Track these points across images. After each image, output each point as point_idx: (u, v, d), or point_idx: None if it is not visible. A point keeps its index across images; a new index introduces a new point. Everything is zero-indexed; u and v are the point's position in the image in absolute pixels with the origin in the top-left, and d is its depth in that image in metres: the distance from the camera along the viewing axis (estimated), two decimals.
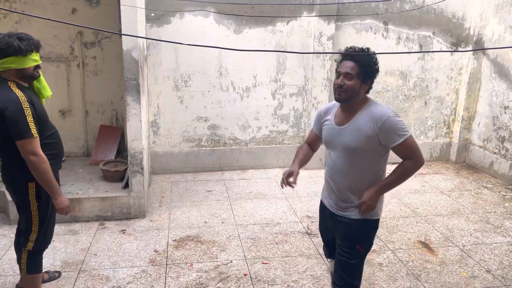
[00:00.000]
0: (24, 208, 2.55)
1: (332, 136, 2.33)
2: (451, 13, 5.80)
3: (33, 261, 2.64)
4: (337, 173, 2.33)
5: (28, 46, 2.36)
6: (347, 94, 2.20)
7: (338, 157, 2.31)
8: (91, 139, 5.38)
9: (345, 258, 2.35)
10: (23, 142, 2.33)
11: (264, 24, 5.28)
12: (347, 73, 2.19)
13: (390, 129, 2.14)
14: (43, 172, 2.41)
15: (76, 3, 4.93)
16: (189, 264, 3.41)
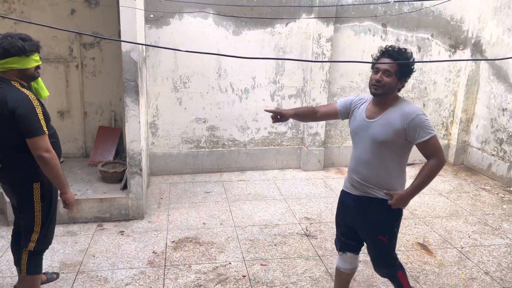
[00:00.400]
0: (27, 209, 2.54)
1: (361, 128, 2.46)
2: (449, 16, 5.82)
3: (34, 261, 2.64)
4: (362, 164, 2.46)
5: (31, 46, 2.38)
6: (383, 90, 2.34)
7: (364, 149, 2.44)
8: (90, 140, 5.37)
9: (372, 247, 2.57)
10: (36, 139, 2.35)
11: (263, 26, 5.29)
12: (386, 69, 2.33)
13: (418, 126, 2.29)
14: (55, 168, 2.44)
15: (75, 4, 4.93)
16: (187, 265, 3.40)
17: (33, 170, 2.48)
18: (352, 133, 2.55)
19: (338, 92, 5.74)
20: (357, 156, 2.49)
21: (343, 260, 2.72)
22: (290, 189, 5.11)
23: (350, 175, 2.56)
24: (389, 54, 2.36)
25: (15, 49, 2.32)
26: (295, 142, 5.82)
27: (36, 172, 2.50)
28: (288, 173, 5.69)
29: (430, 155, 2.35)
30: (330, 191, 5.10)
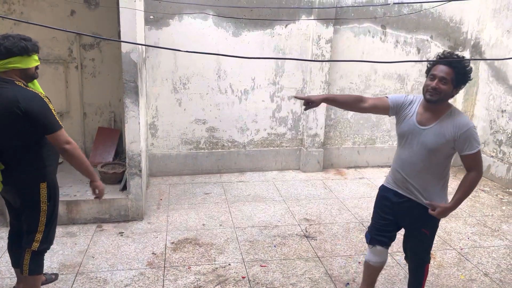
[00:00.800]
0: (33, 209, 2.54)
1: (411, 133, 2.51)
2: (448, 17, 5.83)
3: (37, 261, 2.64)
4: (409, 166, 2.54)
5: (33, 46, 2.41)
6: (439, 97, 2.38)
7: (413, 153, 2.51)
8: (89, 141, 5.37)
9: (413, 238, 2.67)
10: (57, 134, 2.40)
11: (262, 27, 5.29)
12: (442, 77, 2.36)
13: (468, 138, 2.37)
14: (80, 157, 2.52)
15: (75, 5, 4.93)
16: (187, 266, 3.40)
17: (40, 170, 2.49)
18: (400, 135, 2.60)
19: (337, 93, 5.75)
20: (404, 158, 2.57)
21: (372, 254, 2.79)
22: (289, 190, 5.11)
23: (394, 174, 2.64)
24: (449, 62, 2.38)
25: (18, 48, 2.33)
26: (295, 143, 5.83)
27: (43, 172, 2.51)
28: (287, 174, 5.69)
29: (472, 167, 2.44)
30: (329, 192, 5.11)
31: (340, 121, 5.89)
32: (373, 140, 6.07)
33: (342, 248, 3.78)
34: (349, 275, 3.36)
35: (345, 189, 5.22)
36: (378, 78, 5.84)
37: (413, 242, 2.70)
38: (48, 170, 2.55)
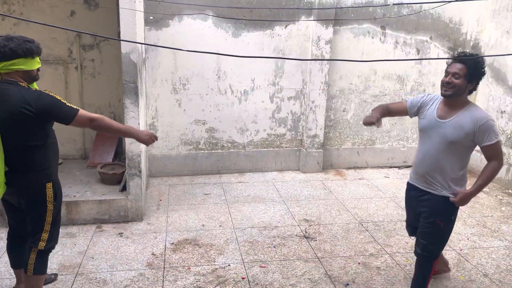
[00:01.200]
0: (39, 209, 2.55)
1: (432, 127, 2.68)
2: (448, 18, 5.84)
3: (42, 261, 2.65)
4: (429, 158, 2.70)
5: (37, 48, 2.42)
6: (453, 91, 2.57)
7: (433, 146, 2.67)
8: (89, 141, 5.37)
9: (425, 229, 2.76)
10: (77, 118, 2.45)
11: (262, 28, 5.30)
12: (455, 73, 2.56)
13: (487, 130, 2.53)
14: (111, 125, 2.58)
15: (75, 6, 4.93)
16: (186, 267, 3.40)
17: (46, 171, 2.51)
18: (421, 130, 2.78)
19: (337, 94, 5.76)
20: (424, 151, 2.73)
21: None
22: (289, 191, 5.11)
23: (415, 169, 2.82)
24: (459, 59, 2.59)
25: (22, 50, 2.33)
26: (294, 144, 5.83)
27: (48, 172, 2.53)
28: (287, 175, 5.69)
29: (492, 157, 2.60)
30: (329, 193, 5.11)
31: (339, 122, 5.89)
32: (373, 141, 6.07)
33: (342, 248, 3.78)
34: (348, 276, 3.36)
35: (344, 190, 5.22)
36: (378, 79, 5.85)
37: (426, 233, 2.77)
38: (53, 170, 2.58)
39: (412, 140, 6.20)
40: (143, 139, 2.74)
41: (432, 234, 2.74)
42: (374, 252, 3.73)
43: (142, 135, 2.74)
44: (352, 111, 5.88)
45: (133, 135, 2.75)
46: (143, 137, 2.73)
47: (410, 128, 6.14)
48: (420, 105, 2.81)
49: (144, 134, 2.75)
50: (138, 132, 2.76)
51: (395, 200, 4.93)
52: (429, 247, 2.77)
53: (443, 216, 2.71)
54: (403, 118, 6.05)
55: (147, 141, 2.75)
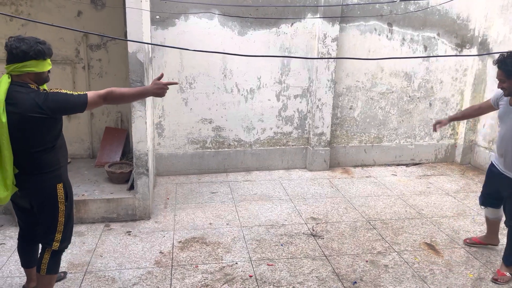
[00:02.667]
0: (51, 210, 2.56)
1: (505, 113, 3.18)
2: (455, 14, 5.79)
3: (55, 260, 2.68)
4: (504, 141, 3.17)
5: (48, 50, 2.41)
6: (508, 92, 3.08)
7: (508, 129, 3.14)
8: (97, 141, 5.40)
9: (508, 203, 3.26)
10: (90, 103, 2.45)
11: (268, 26, 5.29)
12: (500, 79, 3.07)
13: None
14: (123, 92, 2.58)
15: (82, 6, 4.96)
16: (194, 265, 3.41)
17: (56, 172, 2.51)
18: (499, 117, 3.29)
19: (344, 91, 5.73)
20: (501, 135, 3.21)
21: (487, 212, 3.61)
22: (296, 189, 5.11)
23: (496, 150, 3.33)
24: (498, 65, 3.06)
25: (34, 52, 2.32)
26: (301, 142, 5.82)
27: (58, 173, 2.53)
28: (294, 173, 5.69)
29: None
30: (336, 191, 5.09)
31: (346, 120, 5.87)
32: (380, 138, 6.04)
33: (349, 246, 3.78)
34: (356, 274, 3.35)
35: (352, 188, 5.20)
36: (385, 76, 5.81)
37: (507, 206, 3.26)
38: (63, 171, 2.59)
39: (420, 138, 6.17)
40: (155, 92, 2.63)
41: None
42: (382, 250, 3.72)
43: (152, 90, 2.62)
44: (359, 108, 5.86)
45: (146, 93, 2.72)
46: (154, 91, 2.62)
47: (417, 125, 6.10)
48: (498, 98, 3.28)
49: (153, 88, 2.62)
50: (148, 89, 2.65)
51: (403, 198, 4.90)
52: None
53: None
54: (411, 116, 6.02)
55: (160, 93, 2.64)
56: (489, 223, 3.68)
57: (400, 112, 5.99)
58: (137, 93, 2.69)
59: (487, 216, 3.65)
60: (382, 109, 5.93)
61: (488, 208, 3.56)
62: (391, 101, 5.92)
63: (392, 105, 5.93)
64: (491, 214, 3.58)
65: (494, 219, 3.60)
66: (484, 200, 3.56)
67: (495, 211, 3.53)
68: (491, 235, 3.73)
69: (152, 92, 2.64)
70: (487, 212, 3.61)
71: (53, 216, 2.58)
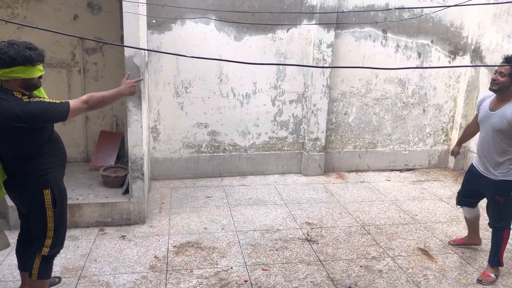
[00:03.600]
0: (39, 215, 2.54)
1: (484, 118, 3.28)
2: (449, 22, 5.86)
3: (46, 266, 2.66)
4: (485, 144, 3.28)
5: (37, 56, 2.34)
6: (498, 87, 3.10)
7: (486, 134, 3.25)
8: (91, 144, 5.38)
9: (490, 206, 3.36)
10: (72, 111, 2.45)
11: (264, 32, 5.32)
12: (501, 72, 3.09)
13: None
14: (102, 96, 2.66)
15: (78, 9, 4.96)
16: (189, 270, 3.41)
17: (41, 178, 2.48)
18: (479, 121, 3.38)
19: (339, 97, 5.77)
20: (481, 139, 3.33)
21: (464, 211, 3.74)
22: (291, 194, 5.12)
23: (477, 152, 3.41)
24: (506, 60, 3.09)
25: (22, 58, 2.27)
26: (296, 147, 5.84)
27: (45, 179, 2.50)
28: (289, 178, 5.70)
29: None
30: (330, 196, 5.12)
31: (341, 125, 5.91)
32: (374, 144, 6.09)
33: (344, 251, 3.79)
34: (351, 279, 3.37)
35: (346, 193, 5.23)
36: (379, 82, 5.86)
37: (490, 208, 3.36)
38: (51, 177, 2.54)
39: (414, 144, 6.22)
40: (129, 91, 2.89)
41: (496, 208, 3.30)
42: (376, 255, 3.74)
43: (126, 89, 2.87)
44: (353, 114, 5.90)
45: (123, 93, 2.87)
46: (128, 90, 2.88)
47: (411, 131, 6.15)
48: (479, 104, 3.39)
49: (127, 88, 2.87)
50: (123, 89, 2.86)
51: (397, 203, 4.94)
52: (496, 219, 3.31)
53: (501, 192, 3.23)
54: (404, 121, 6.07)
55: (133, 91, 2.90)
56: (468, 223, 3.80)
57: (394, 118, 6.04)
58: (115, 94, 2.80)
59: (465, 217, 3.78)
60: (377, 115, 5.98)
61: (464, 208, 3.69)
62: (385, 107, 5.97)
63: (386, 111, 5.98)
64: (468, 214, 3.71)
65: (472, 218, 3.72)
66: (460, 200, 3.69)
67: (471, 210, 3.66)
68: (472, 235, 3.83)
69: (127, 92, 2.85)
70: (464, 212, 3.75)
71: (41, 221, 2.56)
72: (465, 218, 3.82)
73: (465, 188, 3.63)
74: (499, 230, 3.33)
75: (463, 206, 3.70)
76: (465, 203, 3.65)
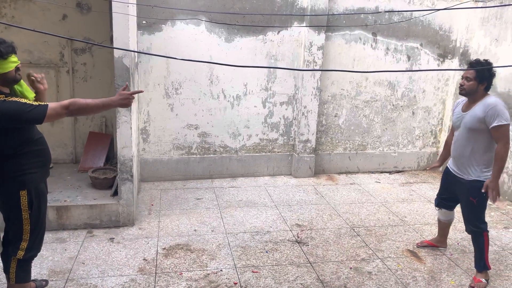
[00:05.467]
0: (15, 217, 2.51)
1: (458, 119, 3.35)
2: (438, 25, 5.92)
3: (23, 269, 2.61)
4: (459, 146, 3.33)
5: (6, 48, 2.31)
6: (465, 91, 3.22)
7: (460, 134, 3.32)
8: (80, 146, 5.33)
9: (464, 208, 3.42)
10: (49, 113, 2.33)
11: (255, 33, 5.32)
12: (467, 76, 3.20)
13: (494, 114, 3.07)
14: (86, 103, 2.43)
15: (67, 9, 4.91)
16: (178, 272, 3.38)
17: (18, 178, 2.45)
18: (453, 124, 3.47)
19: (329, 99, 5.79)
20: (455, 140, 3.39)
21: (440, 213, 3.79)
22: (281, 196, 5.12)
23: (452, 153, 3.47)
24: (471, 65, 3.23)
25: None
26: (286, 149, 5.85)
27: (21, 180, 2.46)
28: (279, 180, 5.70)
29: (498, 139, 3.09)
30: (321, 198, 5.13)
31: (331, 127, 5.93)
32: (364, 146, 6.12)
33: (334, 253, 3.80)
34: (340, 281, 3.37)
35: (336, 195, 5.25)
36: (369, 85, 5.90)
37: (465, 211, 3.41)
38: (29, 178, 2.50)
39: (403, 146, 6.26)
40: (120, 103, 2.54)
41: (470, 210, 3.34)
42: (366, 257, 3.75)
43: (118, 101, 2.53)
44: (343, 116, 5.93)
45: (111, 105, 2.57)
46: (119, 102, 2.53)
47: (400, 133, 6.20)
48: (453, 110, 3.49)
49: (119, 99, 2.53)
50: (114, 100, 2.54)
51: (386, 205, 4.96)
52: (472, 222, 3.35)
53: (474, 193, 3.25)
54: (394, 124, 6.11)
55: (126, 104, 2.56)
56: (440, 226, 3.88)
57: (383, 120, 6.08)
58: (102, 104, 2.52)
59: (439, 218, 3.84)
60: (366, 117, 6.01)
61: (442, 210, 3.75)
62: (375, 110, 6.01)
63: (376, 113, 6.02)
64: (444, 216, 3.78)
65: (445, 221, 3.81)
66: (438, 201, 3.76)
67: (447, 213, 3.74)
68: (441, 238, 3.92)
69: (118, 103, 2.54)
70: (440, 214, 3.80)
71: (17, 223, 2.52)
72: (438, 220, 3.88)
73: (442, 191, 3.71)
74: (478, 235, 3.36)
75: (441, 208, 3.75)
76: (443, 205, 3.72)
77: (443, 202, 3.71)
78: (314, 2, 5.29)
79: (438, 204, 3.77)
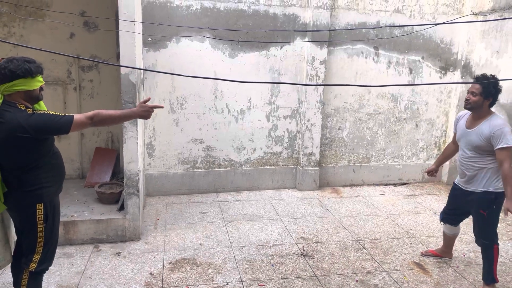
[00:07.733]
0: (30, 229, 2.55)
1: (462, 135, 3.39)
2: (439, 39, 5.99)
3: (34, 282, 2.64)
4: (464, 161, 3.38)
5: (36, 68, 2.46)
6: (471, 106, 3.25)
7: (465, 151, 3.37)
8: (86, 161, 5.39)
9: (476, 221, 3.43)
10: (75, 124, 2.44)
11: (258, 49, 5.41)
12: (472, 91, 3.23)
13: (500, 135, 3.12)
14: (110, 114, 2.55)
15: (74, 28, 5.02)
16: (185, 286, 3.39)
17: (36, 191, 2.51)
18: (457, 139, 3.48)
19: (332, 113, 5.84)
20: (461, 156, 3.43)
21: (445, 228, 3.82)
22: (286, 209, 5.14)
23: (458, 169, 3.51)
24: (477, 80, 3.25)
25: (22, 71, 2.38)
26: (291, 162, 5.88)
27: (39, 193, 2.52)
28: (284, 193, 5.72)
29: (501, 161, 3.12)
30: (325, 210, 5.13)
31: (335, 140, 5.96)
32: (368, 158, 6.14)
33: (340, 266, 3.80)
34: None
35: (341, 208, 5.25)
36: (372, 98, 5.95)
37: (476, 224, 3.42)
38: (46, 191, 2.56)
39: (407, 158, 6.28)
40: (141, 115, 2.62)
41: (481, 223, 3.36)
42: (372, 270, 3.75)
43: (139, 112, 2.61)
44: (347, 129, 5.97)
45: (133, 116, 2.68)
46: (140, 113, 2.61)
47: (404, 146, 6.22)
48: (455, 123, 3.53)
49: (140, 111, 2.61)
50: (135, 111, 2.63)
51: (391, 218, 4.96)
52: (483, 235, 3.36)
53: (483, 206, 3.29)
54: (398, 136, 6.14)
55: (146, 116, 2.62)
56: (446, 238, 3.91)
57: (387, 132, 6.11)
58: (123, 115, 2.67)
59: (444, 232, 3.87)
60: (370, 130, 6.05)
61: (446, 225, 3.78)
62: (378, 122, 6.04)
63: (379, 125, 6.06)
64: (449, 231, 3.81)
65: (451, 235, 3.85)
66: (444, 216, 3.78)
67: (452, 228, 3.77)
68: (446, 249, 3.95)
69: (138, 115, 2.63)
70: (445, 228, 3.83)
71: (31, 235, 2.57)
72: (443, 233, 3.92)
73: (449, 207, 3.72)
74: (488, 248, 3.36)
75: (445, 223, 3.78)
76: (448, 220, 3.74)
77: (448, 217, 3.73)
78: (316, 18, 5.39)
79: (442, 219, 3.80)
